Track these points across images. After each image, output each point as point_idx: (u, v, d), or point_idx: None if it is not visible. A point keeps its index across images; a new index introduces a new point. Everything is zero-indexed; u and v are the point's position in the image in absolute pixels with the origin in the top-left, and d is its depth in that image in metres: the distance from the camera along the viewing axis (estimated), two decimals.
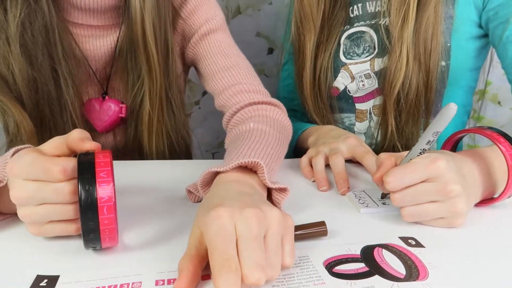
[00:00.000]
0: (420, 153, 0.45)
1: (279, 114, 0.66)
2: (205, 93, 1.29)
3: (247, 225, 0.33)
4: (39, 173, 0.37)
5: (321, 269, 0.37)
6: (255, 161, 0.45)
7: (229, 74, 0.72)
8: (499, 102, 1.24)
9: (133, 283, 0.35)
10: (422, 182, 0.43)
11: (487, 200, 0.50)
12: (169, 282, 0.35)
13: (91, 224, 0.35)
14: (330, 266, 0.37)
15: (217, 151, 1.39)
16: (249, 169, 0.47)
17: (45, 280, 0.35)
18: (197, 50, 0.76)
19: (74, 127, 0.41)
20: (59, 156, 0.39)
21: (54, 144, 0.40)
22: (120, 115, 0.73)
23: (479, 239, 0.43)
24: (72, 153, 0.41)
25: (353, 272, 0.36)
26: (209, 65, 0.74)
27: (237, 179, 0.45)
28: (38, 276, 0.36)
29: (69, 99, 0.65)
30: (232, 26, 0.95)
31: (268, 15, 1.22)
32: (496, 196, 0.49)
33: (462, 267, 0.38)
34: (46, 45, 0.61)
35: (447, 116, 0.41)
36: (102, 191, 0.35)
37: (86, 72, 0.70)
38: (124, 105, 0.73)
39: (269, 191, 0.49)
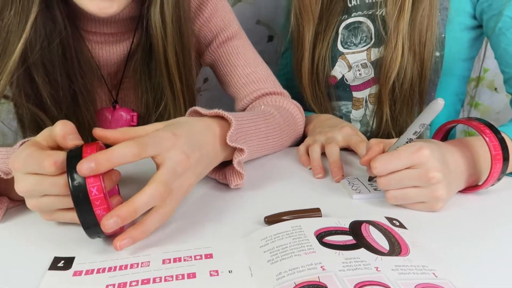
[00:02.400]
0: (407, 142, 0.48)
1: (296, 111, 0.74)
2: (206, 80, 1.31)
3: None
4: (34, 167, 0.39)
5: (312, 238, 0.39)
6: (229, 117, 0.50)
7: (249, 80, 0.75)
8: (495, 89, 1.26)
9: (142, 263, 0.38)
10: (406, 168, 0.47)
11: (471, 187, 0.53)
12: (174, 260, 0.38)
13: (89, 217, 0.37)
14: (321, 236, 0.40)
15: None
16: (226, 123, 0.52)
17: (62, 261, 0.38)
18: (216, 56, 0.78)
19: (92, 138, 0.43)
20: (51, 146, 0.41)
21: (43, 136, 0.42)
22: (132, 123, 0.74)
23: (461, 223, 0.47)
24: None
25: (342, 243, 0.39)
26: (228, 72, 0.77)
27: (207, 123, 0.50)
28: (55, 257, 0.39)
29: (88, 115, 0.67)
30: None
31: (268, 2, 1.23)
32: (480, 183, 0.52)
33: (443, 247, 0.41)
34: (64, 65, 0.62)
35: (434, 111, 0.44)
36: (91, 185, 0.37)
37: (97, 79, 0.71)
38: (135, 113, 0.74)
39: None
